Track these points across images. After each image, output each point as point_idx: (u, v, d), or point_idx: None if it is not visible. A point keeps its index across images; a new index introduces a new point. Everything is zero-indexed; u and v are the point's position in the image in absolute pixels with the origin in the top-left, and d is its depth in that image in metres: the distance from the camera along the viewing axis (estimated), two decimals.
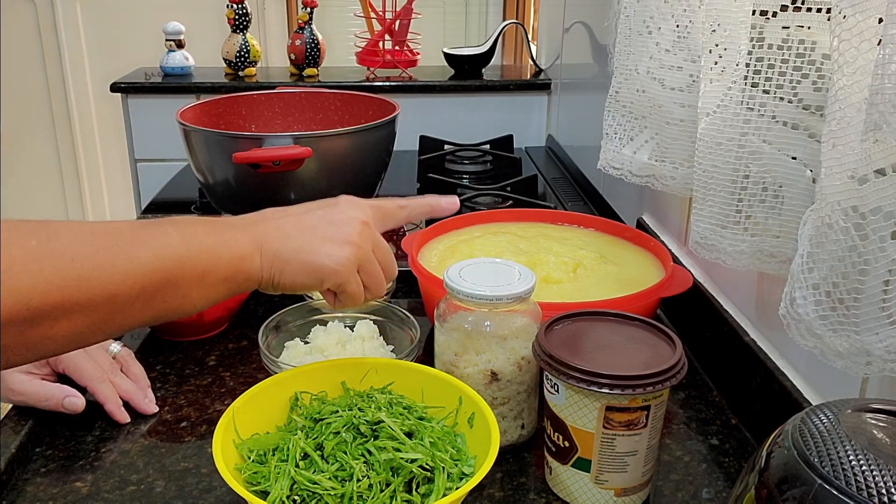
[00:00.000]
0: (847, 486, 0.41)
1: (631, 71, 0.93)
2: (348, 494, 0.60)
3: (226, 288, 0.62)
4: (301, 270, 0.64)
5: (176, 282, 0.58)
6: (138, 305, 0.57)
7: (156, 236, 0.58)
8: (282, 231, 0.64)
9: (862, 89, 0.53)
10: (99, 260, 0.54)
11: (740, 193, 0.73)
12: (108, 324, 0.56)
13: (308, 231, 0.65)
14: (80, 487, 0.72)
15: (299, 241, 0.64)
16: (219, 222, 0.63)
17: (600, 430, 0.66)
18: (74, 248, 0.54)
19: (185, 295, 0.59)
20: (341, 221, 0.66)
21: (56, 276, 0.52)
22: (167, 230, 0.59)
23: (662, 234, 1.13)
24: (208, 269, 0.60)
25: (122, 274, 0.55)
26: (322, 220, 0.66)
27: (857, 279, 0.54)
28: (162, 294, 0.58)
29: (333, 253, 0.64)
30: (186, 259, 0.58)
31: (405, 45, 2.02)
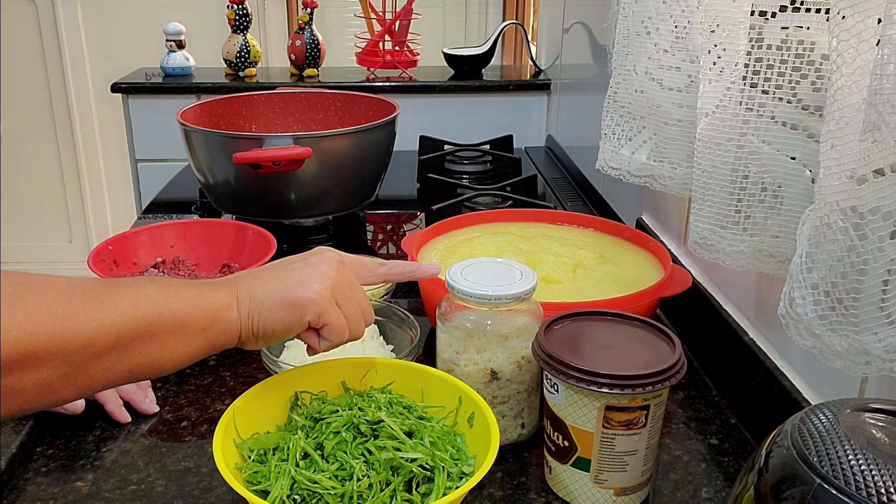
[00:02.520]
0: (846, 486, 0.41)
1: (629, 71, 0.93)
2: (348, 494, 0.60)
3: (204, 340, 0.60)
4: (278, 306, 0.63)
5: (153, 331, 0.56)
6: (113, 357, 0.55)
7: (133, 287, 0.57)
8: (258, 279, 0.65)
9: (860, 90, 0.53)
10: (74, 307, 0.53)
11: (739, 193, 0.73)
12: (80, 376, 0.54)
13: (283, 273, 0.65)
14: (80, 487, 0.72)
15: (275, 283, 0.64)
16: (196, 281, 0.64)
17: (600, 429, 0.66)
18: (50, 296, 0.52)
19: (162, 346, 0.57)
20: (316, 262, 0.67)
21: (29, 322, 0.51)
22: (145, 283, 0.59)
23: (662, 234, 1.13)
24: (186, 319, 0.58)
25: (97, 322, 0.54)
26: (297, 264, 0.67)
27: (855, 279, 0.54)
28: (138, 344, 0.56)
29: (309, 285, 0.64)
30: (164, 307, 0.57)
31: (405, 46, 2.03)
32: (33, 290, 0.52)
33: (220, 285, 0.63)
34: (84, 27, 3.03)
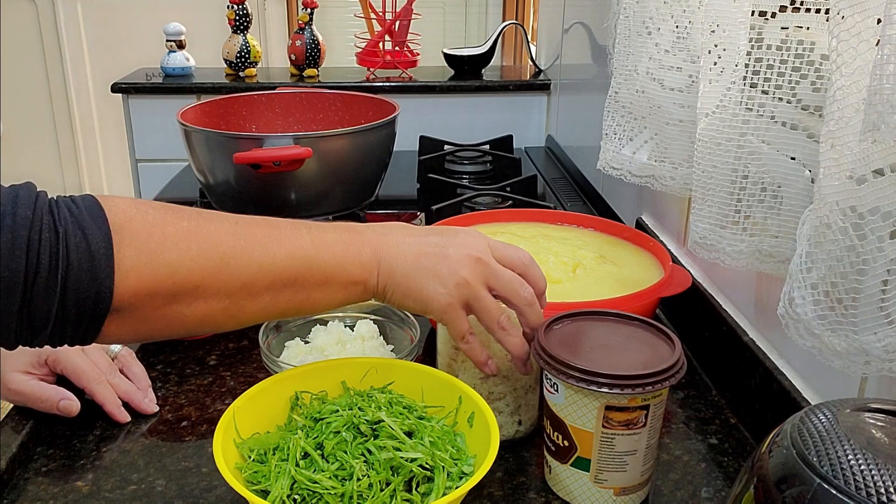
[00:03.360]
0: (846, 486, 0.41)
1: (630, 71, 0.93)
2: (348, 494, 0.60)
3: (344, 294, 0.66)
4: (409, 296, 0.67)
5: (302, 282, 0.63)
6: (268, 298, 0.62)
7: (290, 237, 0.63)
8: (400, 250, 0.67)
9: (860, 90, 0.53)
10: (239, 249, 0.60)
11: (739, 193, 0.73)
12: (239, 311, 0.62)
13: (422, 258, 0.67)
14: (80, 487, 0.72)
15: (412, 266, 0.66)
16: (348, 230, 0.67)
17: (599, 429, 0.67)
18: (219, 235, 0.60)
19: (309, 295, 0.64)
20: (454, 257, 0.67)
21: (201, 257, 0.58)
22: (301, 232, 0.64)
23: (661, 234, 1.13)
24: (332, 275, 0.64)
25: (257, 265, 0.61)
26: (437, 249, 0.67)
27: (855, 279, 0.54)
28: (289, 291, 0.63)
29: (438, 290, 0.67)
30: (314, 263, 0.63)
31: (405, 46, 2.03)
32: (206, 227, 0.60)
33: (367, 245, 0.66)
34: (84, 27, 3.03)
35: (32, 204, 0.54)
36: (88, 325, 0.56)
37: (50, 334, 0.56)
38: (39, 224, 0.53)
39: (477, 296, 0.67)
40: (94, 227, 0.55)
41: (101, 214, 0.56)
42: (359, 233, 0.67)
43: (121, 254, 0.56)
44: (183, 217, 0.60)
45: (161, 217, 0.59)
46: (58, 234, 0.54)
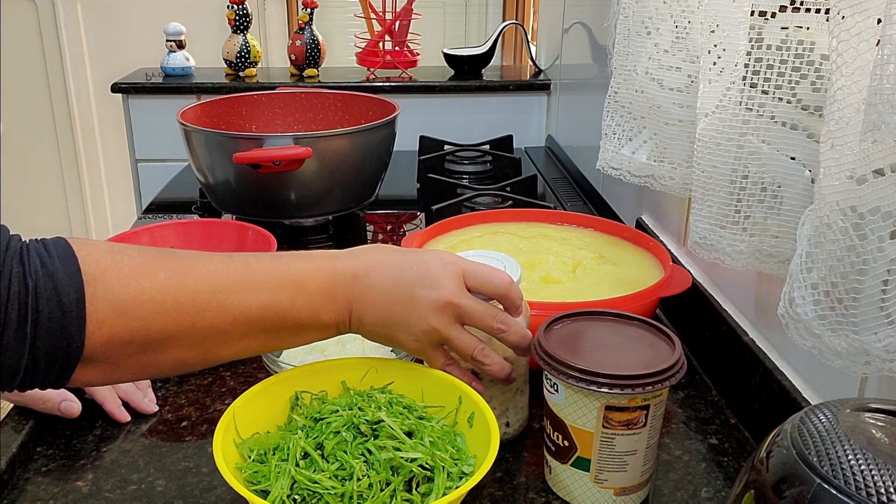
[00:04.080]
0: (846, 486, 0.41)
1: (630, 71, 0.93)
2: (348, 494, 0.60)
3: (316, 336, 0.68)
4: (379, 339, 0.70)
5: (277, 330, 0.64)
6: (241, 344, 0.63)
7: (269, 289, 0.63)
8: (372, 299, 0.67)
9: (860, 90, 0.53)
10: (216, 303, 0.60)
11: (739, 193, 0.73)
12: (213, 356, 0.63)
13: (392, 306, 0.67)
14: (80, 487, 0.72)
15: (382, 314, 0.67)
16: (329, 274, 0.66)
17: (600, 429, 0.67)
18: (197, 287, 0.60)
19: (282, 340, 0.66)
20: (423, 303, 0.66)
21: (176, 311, 0.58)
22: (281, 281, 0.64)
23: (661, 234, 1.13)
24: (306, 324, 0.65)
25: (231, 318, 0.61)
26: (407, 293, 0.67)
27: (855, 279, 0.54)
28: (263, 337, 0.64)
29: (407, 338, 0.68)
30: (290, 314, 0.64)
31: (405, 46, 2.03)
32: (182, 278, 0.59)
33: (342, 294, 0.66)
34: (84, 27, 3.03)
35: (3, 253, 0.53)
36: (59, 373, 0.56)
37: (20, 383, 0.55)
38: (9, 275, 0.53)
39: (447, 337, 0.68)
40: (66, 279, 0.54)
41: (73, 263, 0.55)
42: (337, 278, 0.66)
43: (93, 306, 0.55)
44: (160, 267, 0.59)
45: (137, 268, 0.58)
46: (27, 286, 0.53)
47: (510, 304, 0.70)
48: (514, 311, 0.71)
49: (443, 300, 0.66)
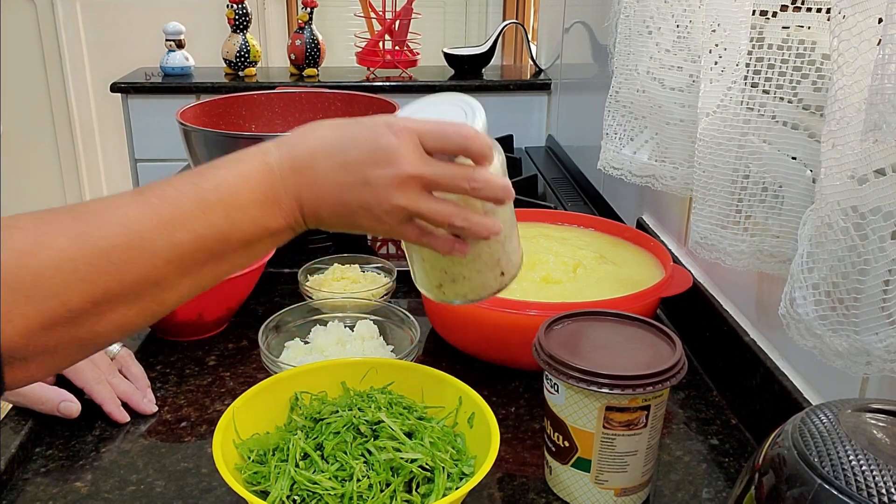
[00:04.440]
0: (847, 486, 0.41)
1: (631, 71, 0.93)
2: (348, 494, 0.60)
3: (272, 244, 0.60)
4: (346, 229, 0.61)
5: (221, 255, 0.56)
6: (186, 283, 0.55)
7: (198, 216, 0.55)
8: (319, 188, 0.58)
9: (861, 89, 0.53)
10: (136, 249, 0.52)
11: (740, 193, 0.73)
12: (158, 305, 0.55)
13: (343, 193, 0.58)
14: (79, 487, 0.72)
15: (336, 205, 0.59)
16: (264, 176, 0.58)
17: (600, 429, 0.66)
18: (109, 240, 0.52)
19: (232, 262, 0.57)
20: (377, 182, 0.57)
21: (93, 271, 0.51)
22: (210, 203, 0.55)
23: (662, 234, 1.13)
24: (253, 238, 0.57)
25: (163, 261, 0.53)
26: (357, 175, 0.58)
27: (856, 279, 0.54)
28: (209, 266, 0.56)
29: (371, 224, 0.59)
30: (231, 235, 0.56)
31: (405, 46, 2.02)
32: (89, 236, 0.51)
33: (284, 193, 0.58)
34: (83, 27, 3.03)
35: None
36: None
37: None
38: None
39: (416, 212, 0.59)
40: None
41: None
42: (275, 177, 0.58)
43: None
44: (59, 232, 0.51)
45: (32, 240, 0.50)
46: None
47: (477, 156, 0.60)
48: (484, 161, 0.61)
49: (402, 175, 0.57)
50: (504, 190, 0.61)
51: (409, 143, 0.58)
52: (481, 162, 0.61)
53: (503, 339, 0.87)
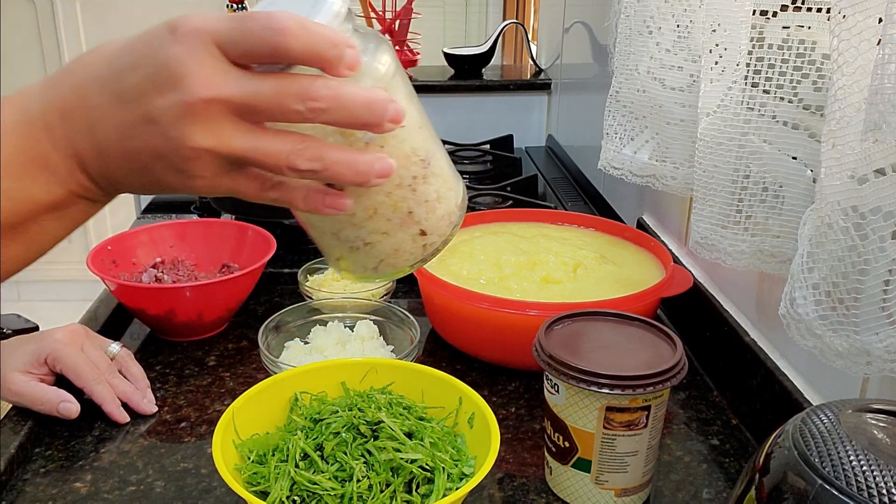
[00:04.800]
0: (847, 487, 0.41)
1: (631, 71, 0.93)
2: (348, 495, 0.60)
3: (61, 222, 0.45)
4: (155, 191, 0.45)
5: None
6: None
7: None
8: (102, 142, 0.42)
9: (862, 89, 0.52)
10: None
11: (740, 193, 0.73)
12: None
13: (129, 141, 0.41)
14: (79, 488, 0.72)
15: (125, 162, 0.42)
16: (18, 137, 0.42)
17: (601, 430, 0.66)
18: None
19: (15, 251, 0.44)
20: (165, 118, 0.40)
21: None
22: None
23: (663, 234, 1.13)
24: (20, 218, 0.43)
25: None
26: (139, 115, 0.41)
27: (856, 279, 0.54)
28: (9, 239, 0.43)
29: (178, 180, 0.42)
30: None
31: (405, 45, 2.02)
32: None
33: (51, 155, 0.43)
34: (83, 27, 3.03)
35: None
36: None
37: None
38: None
39: (232, 154, 0.41)
40: None
41: None
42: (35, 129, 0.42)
43: None
44: None
45: None
46: None
47: (320, 60, 0.40)
48: (334, 67, 0.40)
49: (192, 100, 0.39)
50: (371, 107, 0.41)
51: (202, 52, 0.40)
52: (329, 68, 0.40)
53: (503, 339, 0.87)
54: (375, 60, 0.43)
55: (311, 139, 0.42)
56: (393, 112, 0.41)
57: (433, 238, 0.48)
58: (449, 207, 0.48)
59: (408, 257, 0.48)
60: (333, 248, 0.49)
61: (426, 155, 0.46)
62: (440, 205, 0.48)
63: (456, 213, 0.49)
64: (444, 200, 0.48)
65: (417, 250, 0.48)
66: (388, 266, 0.49)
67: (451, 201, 0.49)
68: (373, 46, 0.44)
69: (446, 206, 0.48)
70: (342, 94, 0.40)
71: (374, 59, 0.43)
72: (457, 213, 0.49)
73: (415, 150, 0.45)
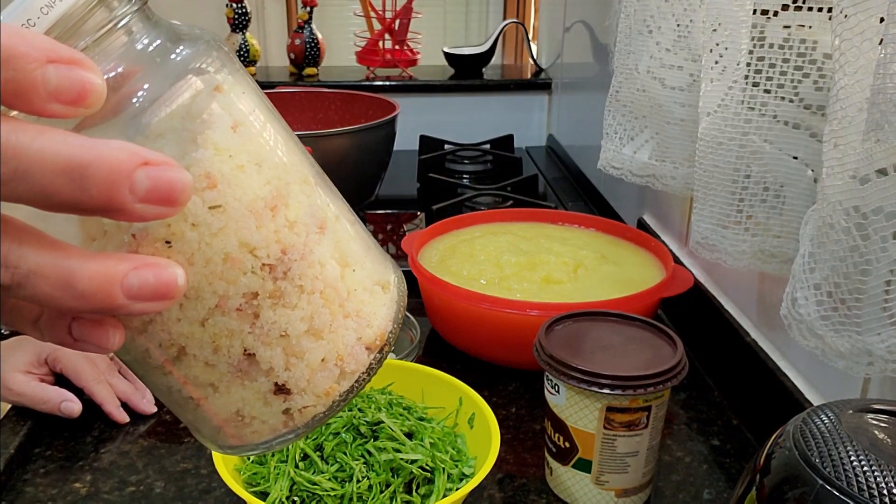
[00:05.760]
0: (848, 487, 0.41)
1: (631, 70, 0.93)
2: (348, 495, 0.60)
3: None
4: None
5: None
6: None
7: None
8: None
9: (863, 89, 0.52)
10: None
11: (741, 193, 0.73)
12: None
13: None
14: (79, 488, 0.72)
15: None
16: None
17: (601, 430, 0.66)
18: None
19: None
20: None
21: None
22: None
23: (663, 234, 1.13)
24: None
25: None
26: None
27: (858, 279, 0.54)
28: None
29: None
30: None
31: (405, 45, 2.02)
32: None
33: None
34: None
35: None
36: None
37: None
38: None
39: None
40: None
41: None
42: None
43: None
44: None
45: None
46: None
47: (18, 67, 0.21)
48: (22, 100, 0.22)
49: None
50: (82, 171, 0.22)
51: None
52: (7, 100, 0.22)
53: (503, 339, 0.87)
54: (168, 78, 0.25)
55: (3, 225, 0.23)
56: (151, 184, 0.23)
57: (304, 400, 0.29)
58: (341, 346, 0.29)
59: (258, 428, 0.30)
60: (159, 395, 0.31)
61: (281, 255, 0.27)
62: (319, 342, 0.29)
63: (359, 357, 0.30)
64: (331, 334, 0.29)
65: (275, 418, 0.29)
66: (232, 438, 0.30)
67: (349, 334, 0.29)
68: (179, 57, 0.27)
69: (335, 343, 0.29)
70: (15, 149, 0.22)
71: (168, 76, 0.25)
72: (362, 356, 0.30)
73: (250, 248, 0.26)
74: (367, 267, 0.30)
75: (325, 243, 0.28)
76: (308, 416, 0.29)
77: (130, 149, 0.22)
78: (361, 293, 0.30)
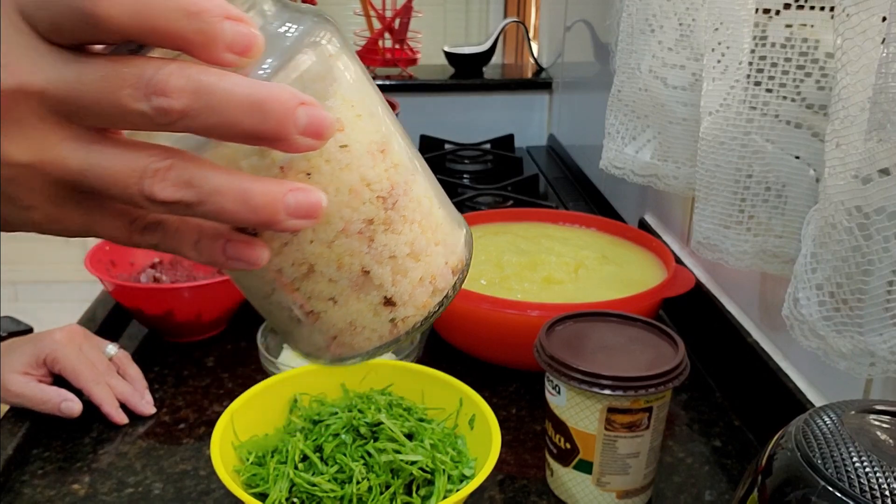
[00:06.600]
0: (850, 488, 0.41)
1: (633, 70, 0.92)
2: (348, 497, 0.60)
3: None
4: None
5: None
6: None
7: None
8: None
9: (866, 88, 0.52)
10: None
11: (743, 193, 0.73)
12: None
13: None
14: (77, 490, 0.72)
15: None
16: None
17: (602, 431, 0.66)
18: None
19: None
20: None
21: None
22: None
23: (665, 234, 1.13)
24: None
25: None
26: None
27: (860, 279, 0.53)
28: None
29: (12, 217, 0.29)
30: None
31: (405, 44, 2.02)
32: None
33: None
34: None
35: None
36: None
37: None
38: None
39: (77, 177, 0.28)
40: None
41: None
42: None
43: None
44: None
45: None
46: None
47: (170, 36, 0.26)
48: (200, 48, 0.27)
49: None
50: (262, 109, 0.27)
51: (6, 27, 0.26)
52: (192, 49, 0.27)
53: (504, 339, 0.87)
54: (299, 45, 0.30)
55: (179, 155, 0.27)
56: (308, 120, 0.27)
57: (406, 311, 0.34)
58: (434, 267, 0.34)
59: (369, 336, 0.34)
60: (271, 316, 0.35)
61: (390, 190, 0.32)
62: (418, 263, 0.34)
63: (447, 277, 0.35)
64: (427, 257, 0.34)
65: (383, 327, 0.34)
66: (342, 347, 0.35)
67: (439, 258, 0.35)
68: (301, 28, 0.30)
69: (429, 265, 0.34)
70: (207, 87, 0.26)
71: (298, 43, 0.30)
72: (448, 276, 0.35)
73: (368, 182, 0.31)
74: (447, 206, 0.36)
75: (420, 183, 0.34)
76: (409, 325, 0.35)
77: (290, 90, 0.27)
78: (446, 226, 0.36)
